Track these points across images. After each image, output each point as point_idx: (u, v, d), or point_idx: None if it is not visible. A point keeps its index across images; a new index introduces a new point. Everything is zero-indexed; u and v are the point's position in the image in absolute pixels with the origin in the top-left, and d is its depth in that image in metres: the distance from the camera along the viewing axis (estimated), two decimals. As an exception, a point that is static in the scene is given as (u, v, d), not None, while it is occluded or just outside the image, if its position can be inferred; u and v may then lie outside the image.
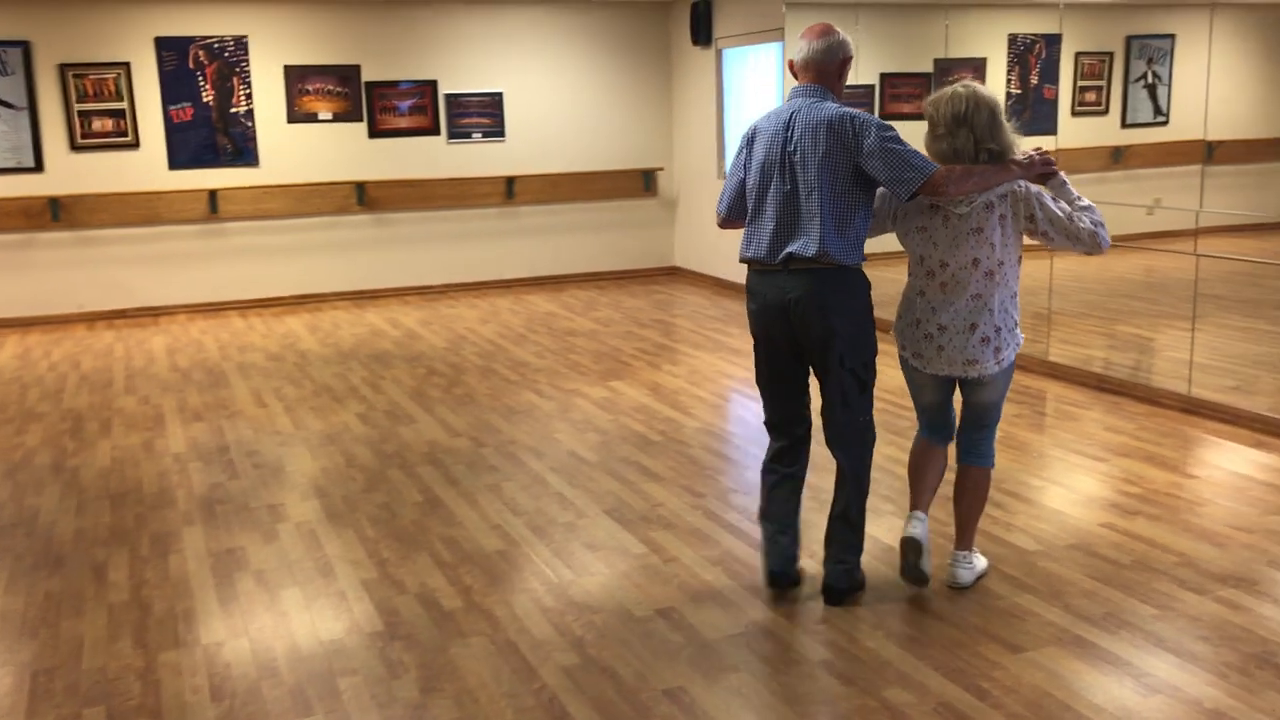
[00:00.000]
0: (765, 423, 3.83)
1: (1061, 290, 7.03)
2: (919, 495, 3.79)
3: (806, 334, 3.56)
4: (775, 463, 3.79)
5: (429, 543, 4.32)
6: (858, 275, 3.58)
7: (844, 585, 3.67)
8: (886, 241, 3.89)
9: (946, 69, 8.42)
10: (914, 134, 3.71)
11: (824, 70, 3.61)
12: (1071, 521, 4.33)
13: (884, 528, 4.25)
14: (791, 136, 3.53)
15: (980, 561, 3.87)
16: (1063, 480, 4.85)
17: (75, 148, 9.08)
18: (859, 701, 3.07)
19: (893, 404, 5.99)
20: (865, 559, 3.81)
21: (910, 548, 3.66)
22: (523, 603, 3.76)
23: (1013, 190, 3.55)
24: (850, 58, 3.66)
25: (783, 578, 3.74)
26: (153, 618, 3.73)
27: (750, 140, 3.68)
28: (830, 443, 3.72)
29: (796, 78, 3.67)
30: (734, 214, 3.75)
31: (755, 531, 4.27)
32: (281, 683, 3.27)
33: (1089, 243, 3.52)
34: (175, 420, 6.18)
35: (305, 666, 3.36)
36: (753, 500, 4.69)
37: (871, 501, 4.02)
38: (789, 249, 3.51)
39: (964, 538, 3.80)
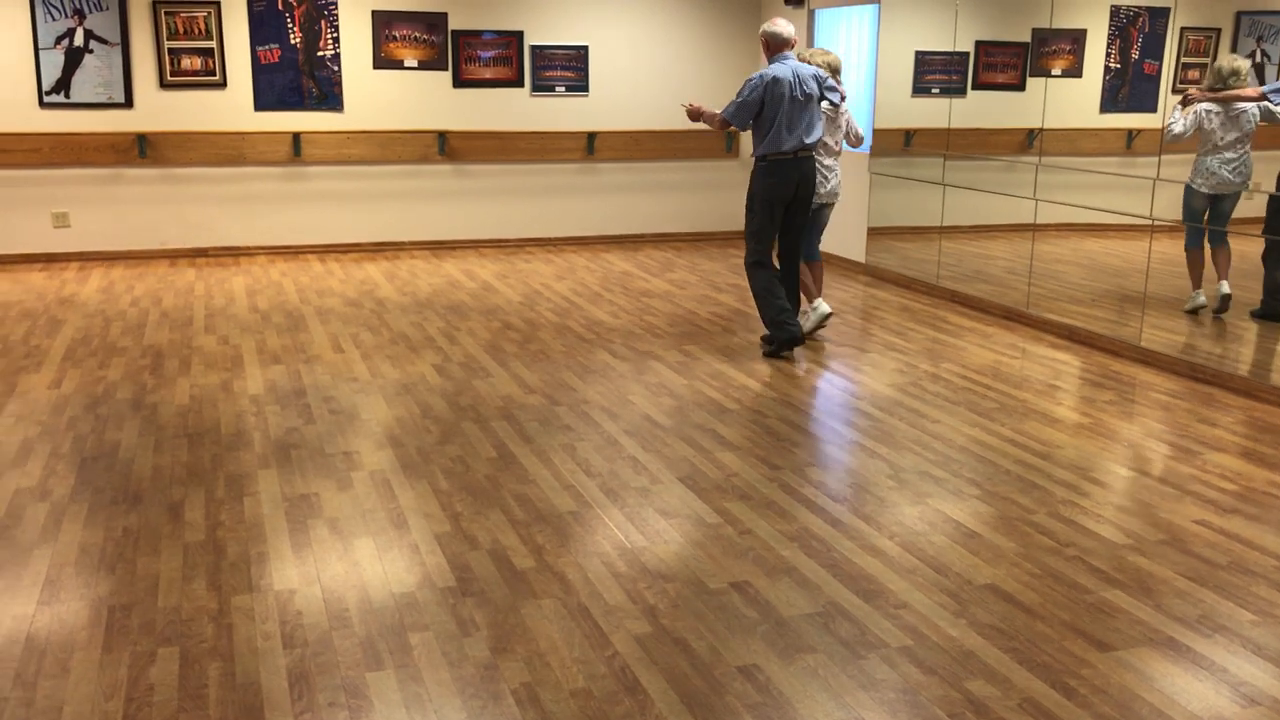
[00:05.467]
0: (762, 259, 6.34)
1: (1156, 274, 6.79)
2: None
3: (806, 196, 6.35)
4: (776, 277, 6.38)
5: (502, 499, 4.29)
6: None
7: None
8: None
9: (1044, 39, 8.14)
10: (1009, 103, 3.56)
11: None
12: (1163, 516, 4.18)
13: (967, 510, 4.14)
14: (799, 82, 6.22)
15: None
16: (1154, 471, 4.68)
17: (164, 85, 9.14)
18: (940, 692, 2.97)
19: (978, 383, 5.86)
20: (940, 542, 3.74)
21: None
22: (595, 566, 3.71)
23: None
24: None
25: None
26: (226, 560, 3.74)
27: (770, 85, 6.19)
28: (793, 257, 6.55)
29: (790, 49, 6.32)
30: (739, 126, 6.39)
31: (833, 509, 4.19)
32: (353, 634, 3.26)
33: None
34: (254, 361, 6.22)
35: (377, 619, 3.35)
36: (830, 475, 4.61)
37: (953, 483, 3.90)
38: (800, 145, 6.23)
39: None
